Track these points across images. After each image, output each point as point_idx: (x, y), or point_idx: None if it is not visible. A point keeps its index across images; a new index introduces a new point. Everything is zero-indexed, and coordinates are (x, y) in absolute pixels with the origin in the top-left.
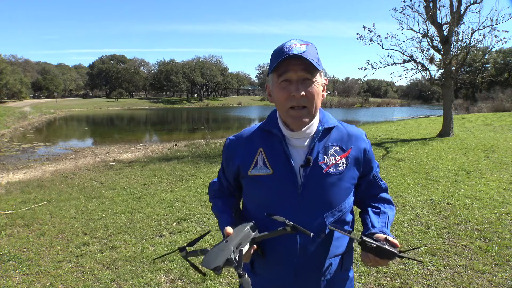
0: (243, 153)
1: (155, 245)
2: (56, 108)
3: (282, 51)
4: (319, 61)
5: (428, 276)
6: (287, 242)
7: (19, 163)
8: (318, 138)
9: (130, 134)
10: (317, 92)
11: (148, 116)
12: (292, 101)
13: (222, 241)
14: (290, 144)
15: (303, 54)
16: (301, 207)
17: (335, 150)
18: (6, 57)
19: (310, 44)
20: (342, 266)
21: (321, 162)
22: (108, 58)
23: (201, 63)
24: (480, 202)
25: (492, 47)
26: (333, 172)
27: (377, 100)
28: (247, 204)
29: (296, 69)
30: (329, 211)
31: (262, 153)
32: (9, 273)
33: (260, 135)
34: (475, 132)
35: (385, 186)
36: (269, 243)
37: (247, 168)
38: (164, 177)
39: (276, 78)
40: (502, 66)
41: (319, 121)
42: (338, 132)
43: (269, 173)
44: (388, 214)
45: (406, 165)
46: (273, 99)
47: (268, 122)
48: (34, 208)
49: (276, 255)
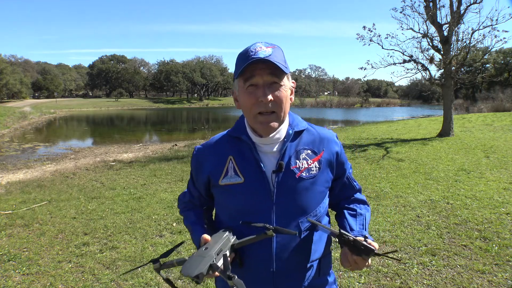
0: (213, 162)
1: (155, 245)
2: (56, 108)
3: (248, 55)
4: (286, 64)
5: (428, 276)
6: (262, 250)
7: (19, 163)
8: (288, 142)
9: (130, 134)
10: (285, 96)
11: (148, 116)
12: (260, 107)
13: (201, 248)
14: (260, 151)
15: (269, 57)
16: (275, 213)
17: (307, 154)
18: (6, 57)
19: (276, 46)
20: (320, 271)
21: (294, 167)
22: (108, 58)
23: (201, 63)
24: (480, 202)
25: (492, 47)
26: (306, 177)
27: (377, 100)
28: (220, 214)
29: (263, 73)
30: (303, 216)
31: (232, 161)
32: (9, 273)
33: (229, 142)
34: (475, 132)
35: (359, 187)
36: (244, 252)
37: (217, 177)
38: (164, 177)
39: (242, 83)
40: (502, 66)
41: (289, 125)
42: (309, 135)
43: (240, 182)
44: (365, 216)
45: (406, 165)
46: (240, 105)
47: (236, 128)
48: (34, 208)
49: (253, 264)
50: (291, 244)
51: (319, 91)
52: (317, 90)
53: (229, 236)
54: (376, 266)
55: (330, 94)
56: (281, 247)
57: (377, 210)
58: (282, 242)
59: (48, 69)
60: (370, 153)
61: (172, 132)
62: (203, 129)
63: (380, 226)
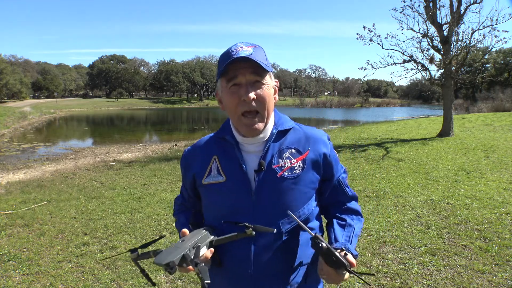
0: (199, 162)
1: (155, 245)
2: (56, 108)
3: (229, 55)
4: (268, 63)
5: (428, 276)
6: (240, 251)
7: (19, 163)
8: (272, 142)
9: (130, 134)
10: (268, 94)
11: (148, 116)
12: (244, 106)
13: (178, 241)
14: (243, 150)
15: (250, 56)
16: (255, 213)
17: (291, 153)
18: (6, 57)
19: (257, 46)
20: (307, 278)
21: (275, 166)
22: (108, 58)
23: (201, 63)
24: (480, 202)
25: (492, 47)
26: (288, 176)
27: (377, 100)
28: (206, 215)
29: (245, 72)
30: (284, 218)
31: (216, 160)
32: (9, 273)
33: (215, 143)
34: (475, 132)
35: (353, 194)
36: (223, 252)
37: (201, 176)
38: (164, 177)
39: (225, 83)
40: (502, 66)
41: (274, 124)
42: (295, 135)
43: (222, 181)
44: (354, 227)
45: (406, 165)
46: (224, 106)
47: (222, 129)
48: (34, 208)
49: (231, 265)
50: (273, 246)
51: (319, 91)
52: (317, 90)
53: (207, 233)
54: (376, 266)
55: (330, 94)
56: (260, 249)
57: (377, 210)
58: (262, 244)
59: (48, 69)
60: (370, 153)
61: (172, 132)
62: (203, 129)
63: (380, 226)
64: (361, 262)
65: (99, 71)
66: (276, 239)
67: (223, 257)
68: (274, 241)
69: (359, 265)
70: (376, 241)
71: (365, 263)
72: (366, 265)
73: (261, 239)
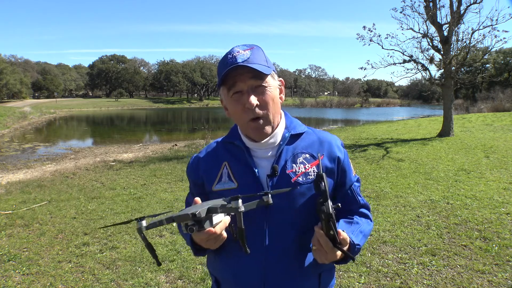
0: (208, 168)
1: (155, 245)
2: (56, 108)
3: (226, 62)
4: (268, 64)
5: (428, 276)
6: (251, 265)
7: (19, 163)
8: (284, 145)
9: (130, 134)
10: (271, 97)
11: (148, 116)
12: (249, 113)
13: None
14: (255, 156)
15: (247, 61)
16: (269, 219)
17: (305, 158)
18: (6, 57)
19: (254, 47)
20: (320, 285)
21: (289, 171)
22: (108, 58)
23: (201, 63)
24: (480, 202)
25: (492, 47)
26: (302, 181)
27: (377, 100)
28: None
29: (244, 78)
30: (299, 224)
31: (227, 166)
32: (9, 273)
33: (224, 148)
34: (475, 132)
35: (364, 202)
36: (231, 268)
37: (211, 183)
38: (164, 177)
39: (227, 91)
40: (502, 66)
41: (286, 128)
42: (308, 139)
43: (234, 187)
44: (361, 225)
45: (406, 165)
46: (230, 113)
47: (230, 135)
48: (34, 208)
49: (242, 280)
50: (286, 253)
51: (319, 91)
52: (317, 90)
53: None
54: (376, 266)
55: (330, 94)
56: (272, 260)
57: (377, 210)
58: (272, 256)
59: (48, 69)
60: (370, 153)
61: (172, 132)
62: (203, 129)
63: (380, 226)
64: (361, 262)
65: (99, 71)
66: (290, 244)
67: (230, 274)
68: (288, 246)
69: (359, 265)
70: (376, 241)
71: (365, 263)
72: (366, 265)
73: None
